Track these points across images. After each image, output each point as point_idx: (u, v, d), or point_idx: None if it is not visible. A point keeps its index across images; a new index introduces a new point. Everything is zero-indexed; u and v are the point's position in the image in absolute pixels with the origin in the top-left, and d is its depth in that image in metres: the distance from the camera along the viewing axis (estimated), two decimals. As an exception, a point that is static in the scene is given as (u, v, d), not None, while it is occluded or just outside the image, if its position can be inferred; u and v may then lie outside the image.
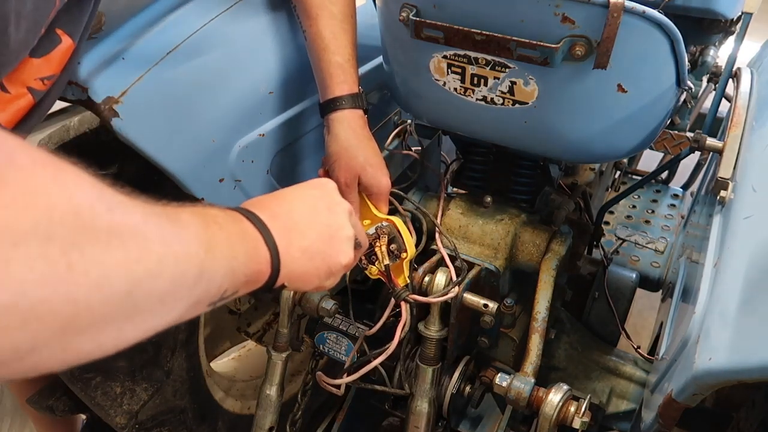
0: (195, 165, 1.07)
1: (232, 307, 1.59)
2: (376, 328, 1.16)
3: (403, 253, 1.07)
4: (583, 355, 1.45)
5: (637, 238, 1.95)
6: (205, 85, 1.07)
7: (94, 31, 0.96)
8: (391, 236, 1.07)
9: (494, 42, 0.98)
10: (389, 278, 1.07)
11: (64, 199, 0.39)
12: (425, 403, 1.17)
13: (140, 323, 0.45)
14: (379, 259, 1.06)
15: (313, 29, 1.13)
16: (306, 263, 0.71)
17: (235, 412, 1.58)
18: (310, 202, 0.75)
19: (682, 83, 1.05)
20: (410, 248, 1.08)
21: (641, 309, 2.35)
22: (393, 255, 1.07)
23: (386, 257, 1.05)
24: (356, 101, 1.13)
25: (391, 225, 1.08)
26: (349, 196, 1.13)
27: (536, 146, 1.18)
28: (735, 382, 0.70)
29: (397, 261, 1.08)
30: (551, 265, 1.22)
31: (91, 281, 0.39)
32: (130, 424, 1.24)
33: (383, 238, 1.06)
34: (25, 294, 0.35)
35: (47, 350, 0.38)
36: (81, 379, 1.18)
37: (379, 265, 1.06)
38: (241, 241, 0.61)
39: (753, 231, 0.82)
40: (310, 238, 0.71)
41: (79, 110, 1.02)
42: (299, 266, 0.70)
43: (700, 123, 1.69)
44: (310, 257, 0.71)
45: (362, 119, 1.15)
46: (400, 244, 1.07)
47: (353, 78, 1.14)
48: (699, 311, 0.80)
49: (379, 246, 1.05)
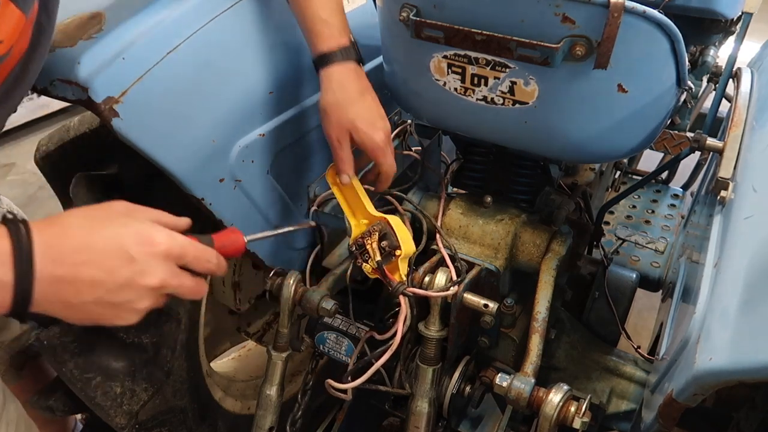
0: (195, 165, 1.07)
1: (232, 307, 1.59)
2: (389, 334, 1.15)
3: (397, 251, 1.07)
4: (584, 355, 1.45)
5: (637, 238, 1.95)
6: (205, 85, 1.07)
7: (94, 32, 0.96)
8: (383, 233, 1.07)
9: (494, 42, 0.98)
10: (383, 274, 1.07)
11: None
12: (425, 403, 1.17)
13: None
14: (371, 257, 1.05)
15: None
16: (72, 314, 0.67)
17: (235, 412, 1.58)
18: (110, 258, 0.67)
19: (682, 83, 1.05)
20: (405, 246, 1.08)
21: (641, 309, 2.35)
22: (385, 252, 1.06)
23: (377, 254, 1.05)
24: (345, 54, 1.10)
25: (383, 222, 1.08)
26: (341, 152, 1.11)
27: (536, 146, 1.18)
28: (735, 382, 0.70)
29: (391, 259, 1.08)
30: (551, 265, 1.22)
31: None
32: (130, 424, 1.23)
33: (374, 236, 1.06)
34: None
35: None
36: (81, 379, 1.18)
37: (372, 263, 1.06)
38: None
39: (753, 231, 0.82)
40: (84, 298, 0.66)
41: (79, 110, 1.02)
42: (62, 313, 0.66)
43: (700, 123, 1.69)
44: (78, 311, 0.67)
45: (354, 71, 1.11)
46: (392, 242, 1.07)
47: (340, 30, 1.11)
48: (699, 311, 0.80)
49: (370, 244, 1.05)
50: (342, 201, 1.19)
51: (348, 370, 1.16)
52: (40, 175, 1.30)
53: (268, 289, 1.23)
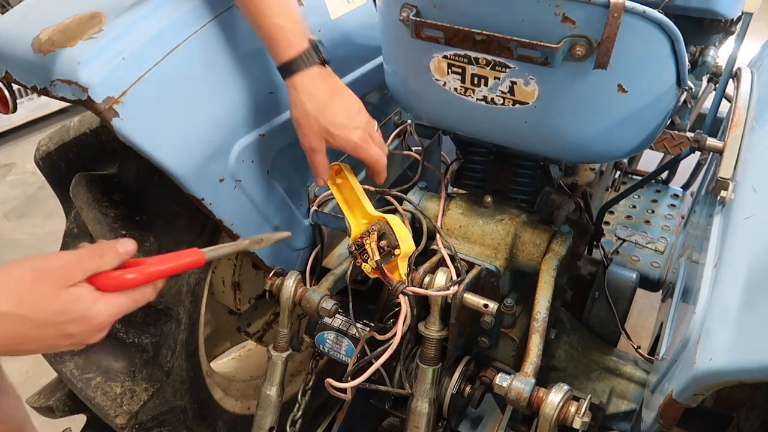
0: (195, 165, 1.07)
1: (232, 307, 1.59)
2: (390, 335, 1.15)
3: (396, 250, 1.07)
4: (584, 355, 1.45)
5: (637, 238, 1.95)
6: (205, 85, 1.07)
7: (94, 32, 0.96)
8: (381, 233, 1.07)
9: (494, 42, 0.98)
10: (382, 274, 1.07)
11: None
12: (425, 404, 1.17)
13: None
14: (370, 256, 1.05)
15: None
16: None
17: (235, 412, 1.58)
18: (51, 339, 0.72)
19: (682, 83, 1.05)
20: (404, 245, 1.08)
21: (641, 309, 2.35)
22: (384, 252, 1.06)
23: (376, 253, 1.05)
24: (307, 59, 1.06)
25: (382, 222, 1.08)
26: (316, 159, 1.10)
27: (536, 146, 1.18)
28: (735, 383, 0.70)
29: (391, 258, 1.08)
30: (551, 265, 1.22)
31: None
32: (130, 424, 1.23)
33: (372, 236, 1.06)
34: None
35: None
36: (81, 379, 1.18)
37: (371, 262, 1.06)
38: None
39: (753, 231, 0.82)
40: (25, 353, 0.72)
41: (79, 110, 1.02)
42: None
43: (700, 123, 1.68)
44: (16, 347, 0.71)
45: (319, 75, 1.07)
46: (391, 241, 1.07)
47: (297, 34, 1.06)
48: (699, 311, 0.80)
49: (369, 243, 1.05)
50: (341, 201, 1.19)
51: (348, 370, 1.16)
52: (40, 175, 1.30)
53: (268, 289, 1.23)
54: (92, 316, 0.73)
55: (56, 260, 0.73)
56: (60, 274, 0.72)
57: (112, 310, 0.75)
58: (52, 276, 0.71)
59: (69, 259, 0.73)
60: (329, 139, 1.08)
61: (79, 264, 0.73)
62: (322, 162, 1.11)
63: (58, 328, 0.71)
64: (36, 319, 0.70)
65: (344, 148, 1.10)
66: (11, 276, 0.70)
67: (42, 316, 0.70)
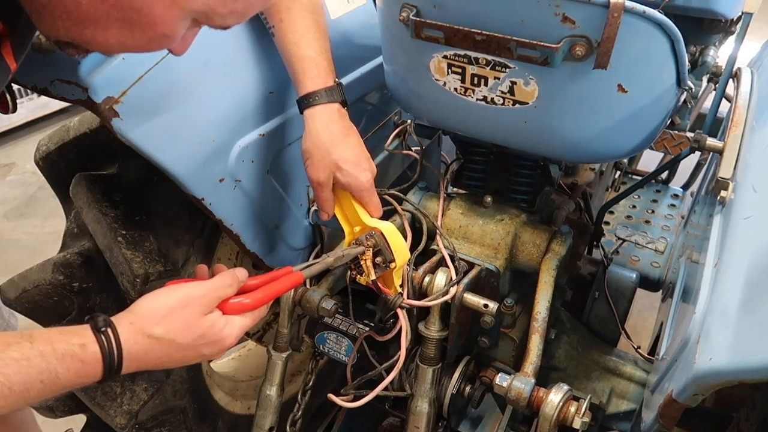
0: (195, 165, 1.07)
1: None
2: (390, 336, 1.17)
3: (391, 264, 1.06)
4: (583, 355, 1.45)
5: (637, 238, 1.95)
6: (205, 86, 1.07)
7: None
8: (377, 249, 1.05)
9: (494, 42, 0.98)
10: (379, 290, 1.07)
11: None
12: (425, 404, 1.17)
13: None
14: (366, 273, 1.05)
15: (284, 24, 1.10)
16: None
17: (235, 412, 1.58)
18: (187, 357, 0.84)
19: (682, 83, 1.05)
20: (399, 257, 1.07)
21: (641, 309, 2.35)
22: (380, 267, 1.06)
23: (372, 272, 1.04)
24: (331, 95, 1.09)
25: (378, 234, 1.06)
26: (322, 194, 1.11)
27: (536, 146, 1.17)
28: (735, 383, 0.70)
29: (386, 270, 1.07)
30: (551, 265, 1.22)
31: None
32: (130, 424, 1.24)
33: (368, 252, 1.04)
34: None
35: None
36: (81, 379, 1.18)
37: (367, 278, 1.05)
38: None
39: (753, 231, 0.82)
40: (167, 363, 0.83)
41: (79, 110, 1.02)
42: None
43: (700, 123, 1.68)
44: None
45: (338, 112, 1.10)
46: (387, 256, 1.05)
47: (326, 71, 1.10)
48: (699, 311, 0.80)
49: (364, 260, 1.04)
50: (337, 207, 1.18)
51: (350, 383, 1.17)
52: (40, 175, 1.30)
53: (268, 289, 1.23)
54: (223, 338, 0.85)
55: (197, 290, 0.83)
56: (200, 303, 0.83)
57: (237, 331, 0.87)
58: (195, 305, 0.82)
59: (207, 288, 0.84)
60: (338, 174, 1.08)
61: (215, 293, 0.85)
62: (328, 197, 1.12)
63: (196, 351, 0.83)
64: (182, 344, 0.81)
65: (350, 186, 1.10)
66: (161, 304, 0.81)
67: (186, 341, 0.81)
